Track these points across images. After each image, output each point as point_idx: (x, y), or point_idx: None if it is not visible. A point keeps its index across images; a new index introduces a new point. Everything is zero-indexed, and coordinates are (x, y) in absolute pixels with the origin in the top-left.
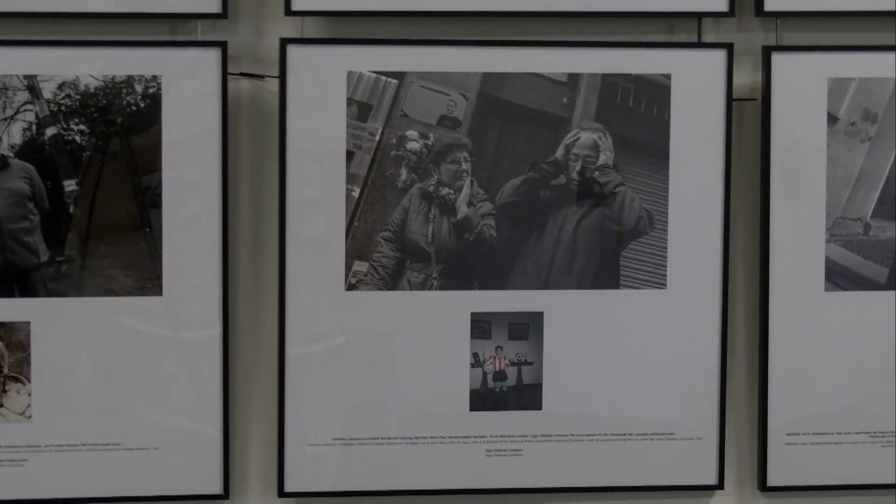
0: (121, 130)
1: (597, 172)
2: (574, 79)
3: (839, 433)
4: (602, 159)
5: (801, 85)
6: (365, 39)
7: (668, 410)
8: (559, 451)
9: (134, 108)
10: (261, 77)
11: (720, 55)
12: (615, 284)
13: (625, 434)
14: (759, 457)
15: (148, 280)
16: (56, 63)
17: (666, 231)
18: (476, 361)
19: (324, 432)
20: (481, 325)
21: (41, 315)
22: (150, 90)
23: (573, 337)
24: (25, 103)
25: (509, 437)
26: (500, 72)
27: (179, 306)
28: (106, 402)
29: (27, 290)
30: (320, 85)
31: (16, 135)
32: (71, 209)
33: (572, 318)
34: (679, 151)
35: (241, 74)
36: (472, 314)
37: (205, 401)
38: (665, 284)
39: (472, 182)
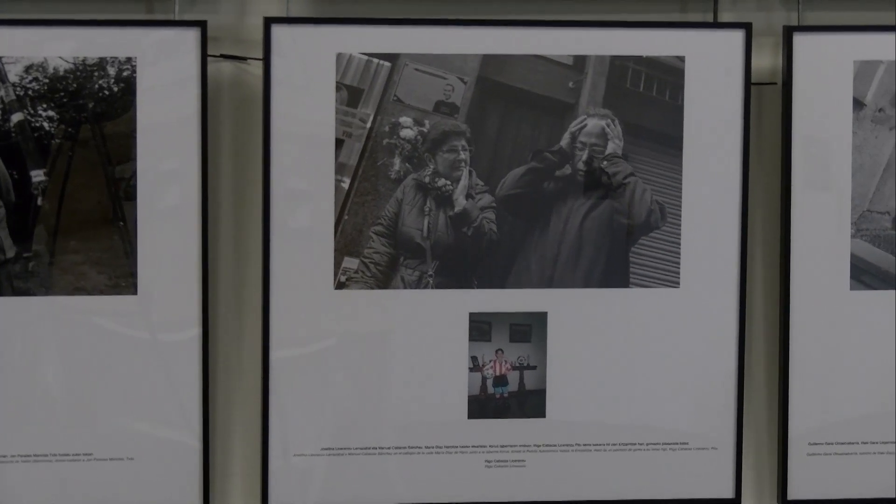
0: (92, 116)
1: (605, 162)
2: (580, 61)
3: (865, 443)
4: (610, 148)
5: (825, 68)
6: (355, 19)
7: (682, 418)
8: (564, 461)
9: (107, 92)
10: (243, 59)
11: (738, 36)
12: (624, 283)
13: (635, 444)
14: (779, 468)
15: (122, 277)
16: (23, 44)
17: (679, 225)
18: (475, 365)
19: (311, 442)
20: (480, 327)
21: (7, 315)
22: (124, 73)
23: (579, 339)
24: None
25: (510, 446)
26: (501, 54)
27: (155, 306)
28: (77, 409)
29: None
30: (307, 68)
31: None
32: (39, 201)
33: (578, 318)
34: (693, 140)
35: (222, 56)
36: (471, 314)
37: (183, 407)
38: (678, 283)
39: (470, 172)
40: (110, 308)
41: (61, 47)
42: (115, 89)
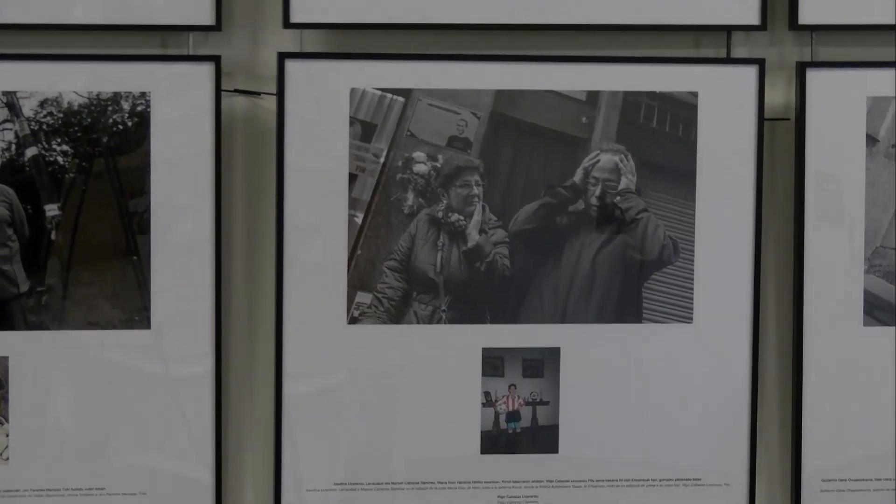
0: (106, 151)
1: (618, 197)
2: (594, 97)
3: (879, 479)
4: (624, 183)
5: (838, 103)
6: (369, 54)
7: (695, 454)
8: (577, 497)
9: (121, 126)
10: (257, 94)
11: (751, 71)
12: (637, 318)
13: (648, 479)
14: None
15: (135, 312)
16: (38, 78)
17: (692, 261)
18: (488, 400)
19: (323, 476)
20: (493, 362)
21: (20, 349)
22: (138, 108)
23: (592, 374)
24: (4, 121)
25: (523, 482)
26: (515, 89)
27: (169, 339)
28: (89, 443)
29: (5, 323)
30: (321, 103)
31: None
32: (53, 235)
33: (591, 354)
34: (707, 175)
35: (236, 91)
36: (484, 349)
37: (196, 441)
38: (691, 318)
39: (483, 207)
40: (123, 342)
41: (76, 82)
42: (129, 124)
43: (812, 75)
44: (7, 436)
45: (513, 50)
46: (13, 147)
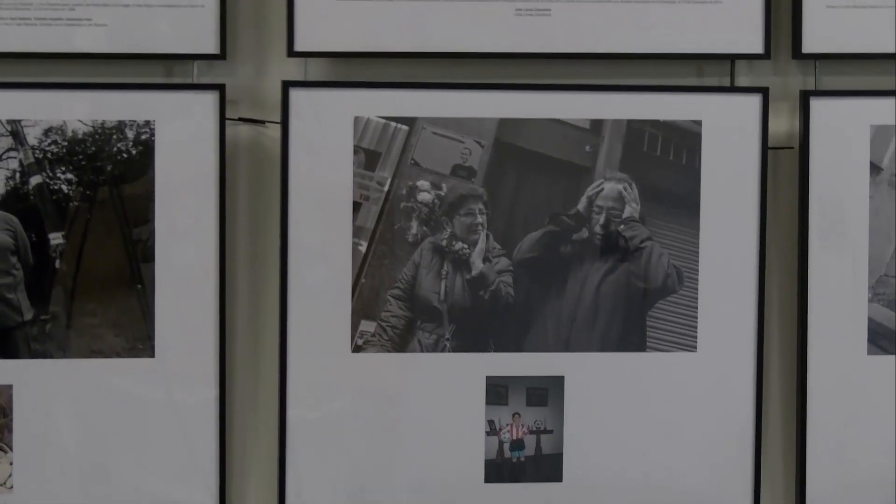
0: (110, 179)
1: (622, 226)
2: (597, 125)
3: None
4: (627, 212)
5: (842, 132)
6: (373, 83)
7: (699, 483)
8: None
9: (125, 155)
10: (261, 122)
11: (754, 100)
12: (641, 347)
13: None
14: None
15: (139, 340)
16: (42, 107)
17: (696, 289)
18: (491, 429)
19: (327, 503)
20: (497, 390)
21: (24, 378)
22: (143, 136)
23: (596, 403)
24: (8, 150)
25: None
26: (518, 117)
27: (173, 367)
28: (94, 471)
29: (9, 351)
30: (325, 131)
31: None
32: (57, 264)
33: (595, 382)
34: (710, 203)
35: (240, 119)
36: (488, 378)
37: (200, 468)
38: (695, 347)
39: (487, 236)
40: (127, 370)
41: (80, 110)
42: (134, 152)
43: (816, 104)
44: (11, 464)
45: (516, 79)
46: (17, 175)
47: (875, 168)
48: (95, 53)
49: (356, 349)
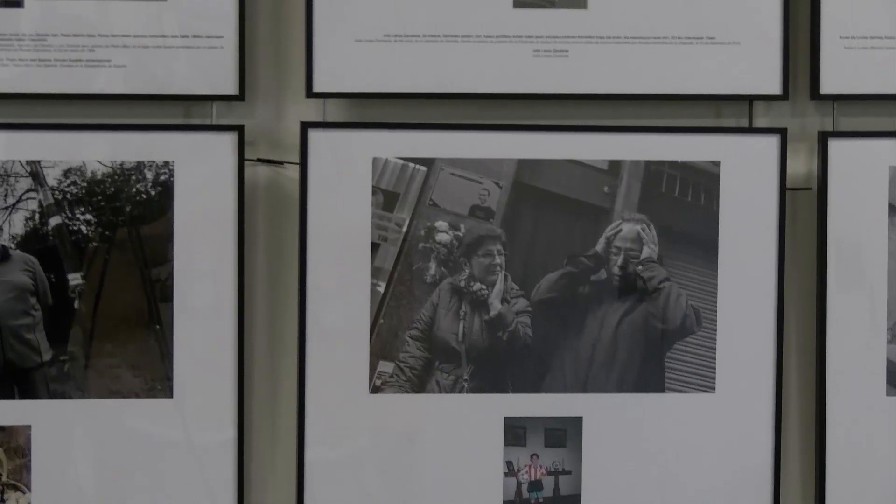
0: (129, 220)
1: (640, 267)
2: (615, 166)
3: None
4: (646, 252)
5: (860, 173)
6: (391, 124)
7: None
8: None
9: (144, 196)
10: (280, 163)
11: (773, 141)
12: (660, 388)
13: None
14: None
15: (157, 381)
16: (61, 148)
17: (714, 330)
18: (510, 470)
19: None
20: (515, 431)
21: (42, 418)
22: (162, 177)
23: (614, 444)
24: (28, 191)
25: None
26: (537, 158)
27: (191, 408)
28: None
29: (28, 392)
30: (343, 172)
31: (18, 225)
32: (76, 304)
33: (613, 423)
34: (729, 244)
35: (259, 160)
36: (506, 419)
37: None
38: (714, 388)
39: (505, 277)
40: (146, 411)
41: (99, 151)
42: (153, 193)
43: (834, 145)
44: None
45: (535, 119)
46: (37, 216)
47: (893, 209)
48: (115, 94)
49: (374, 390)
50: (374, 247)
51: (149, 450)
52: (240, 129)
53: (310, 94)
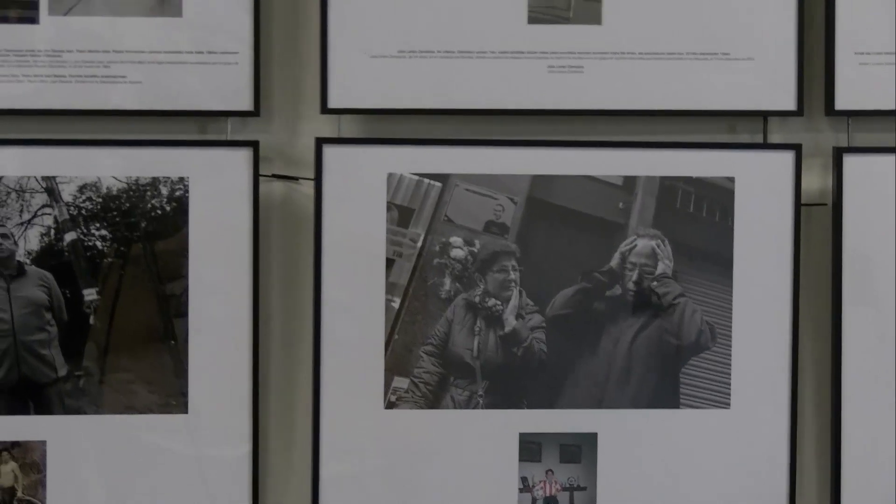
0: (144, 235)
1: (655, 283)
2: (630, 182)
3: None
4: (660, 268)
5: (876, 189)
6: (406, 139)
7: None
8: None
9: (159, 211)
10: (295, 179)
11: (787, 157)
12: (675, 403)
13: None
14: None
15: (172, 396)
16: (76, 164)
17: (729, 346)
18: (525, 486)
19: None
20: (530, 447)
21: (57, 434)
22: (177, 193)
23: (629, 460)
24: (43, 206)
25: None
26: (551, 174)
27: (206, 423)
28: None
29: (43, 407)
30: (358, 187)
31: (33, 240)
32: (91, 320)
33: (628, 439)
34: (743, 260)
35: (274, 176)
36: (521, 435)
37: None
38: (729, 404)
39: (520, 292)
40: (161, 426)
41: (115, 167)
42: (168, 209)
43: (849, 160)
44: None
45: (549, 135)
46: (52, 232)
47: None
48: (130, 110)
49: (389, 405)
50: (389, 262)
51: (164, 465)
52: (255, 145)
53: (324, 109)
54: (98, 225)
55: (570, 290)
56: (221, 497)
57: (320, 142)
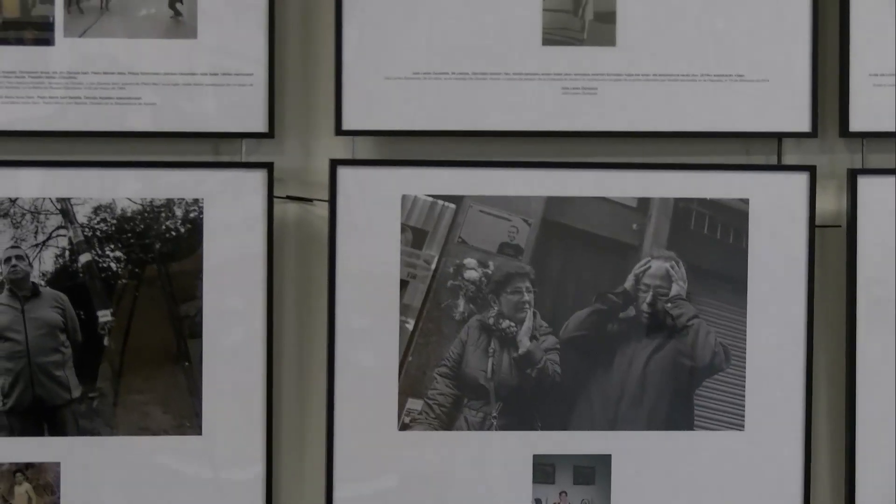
0: (158, 257)
1: (669, 304)
2: (644, 203)
3: None
4: (675, 290)
5: (890, 210)
6: (420, 161)
7: None
8: None
9: (173, 233)
10: (309, 200)
11: (802, 178)
12: (689, 425)
13: None
14: None
15: (186, 418)
16: (91, 185)
17: (744, 367)
18: None
19: None
20: (544, 469)
21: (72, 455)
22: (191, 214)
23: (643, 482)
24: (58, 228)
25: None
26: (565, 196)
27: (220, 445)
28: None
29: (57, 429)
30: (372, 209)
31: (48, 261)
32: (105, 341)
33: (642, 461)
34: (758, 282)
35: (288, 198)
36: (535, 456)
37: None
38: (743, 426)
39: (534, 314)
40: (175, 448)
41: (129, 188)
42: (182, 230)
43: (863, 182)
44: None
45: (563, 157)
46: (67, 253)
47: None
48: (145, 132)
49: (403, 427)
50: (403, 284)
51: (178, 487)
52: (269, 167)
53: (339, 131)
54: (112, 246)
55: (585, 312)
56: None
57: (335, 163)
